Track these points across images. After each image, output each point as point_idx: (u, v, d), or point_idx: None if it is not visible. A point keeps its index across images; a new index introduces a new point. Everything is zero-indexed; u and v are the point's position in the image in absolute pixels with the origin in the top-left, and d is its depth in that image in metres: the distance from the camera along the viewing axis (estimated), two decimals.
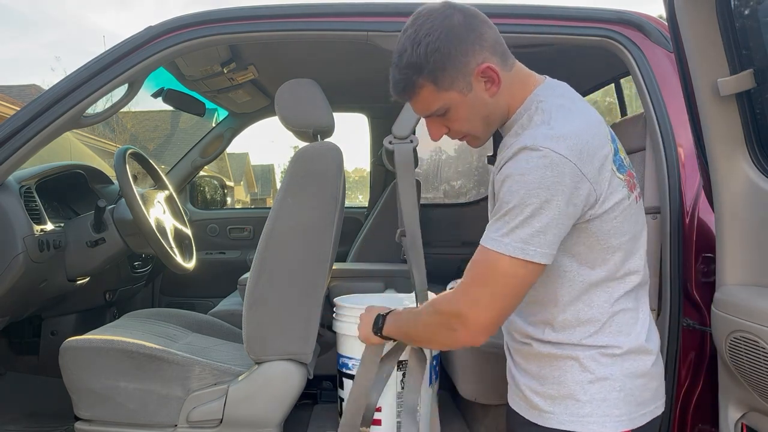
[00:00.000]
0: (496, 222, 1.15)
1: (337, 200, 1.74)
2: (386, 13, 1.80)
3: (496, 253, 1.12)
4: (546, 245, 1.11)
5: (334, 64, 2.62)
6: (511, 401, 1.33)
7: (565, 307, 1.22)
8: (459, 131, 1.25)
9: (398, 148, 1.67)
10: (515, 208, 1.11)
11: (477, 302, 1.15)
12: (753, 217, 1.33)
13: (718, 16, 1.25)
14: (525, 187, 1.10)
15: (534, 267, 1.12)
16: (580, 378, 1.21)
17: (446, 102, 1.20)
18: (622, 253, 1.21)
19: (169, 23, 1.79)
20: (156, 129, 19.32)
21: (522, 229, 1.10)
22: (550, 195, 1.09)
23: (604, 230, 1.17)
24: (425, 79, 1.18)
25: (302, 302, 1.74)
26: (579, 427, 1.20)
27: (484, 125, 1.25)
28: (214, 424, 1.74)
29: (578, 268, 1.20)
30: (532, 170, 1.10)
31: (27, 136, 1.74)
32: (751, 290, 1.32)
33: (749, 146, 1.32)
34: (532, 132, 1.15)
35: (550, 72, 1.33)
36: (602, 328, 1.21)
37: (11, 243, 1.87)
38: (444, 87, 1.18)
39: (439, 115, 1.23)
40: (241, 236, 3.54)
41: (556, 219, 1.10)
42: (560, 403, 1.22)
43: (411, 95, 1.21)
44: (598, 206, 1.15)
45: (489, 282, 1.14)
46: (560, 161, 1.09)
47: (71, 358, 1.77)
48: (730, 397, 1.42)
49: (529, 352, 1.27)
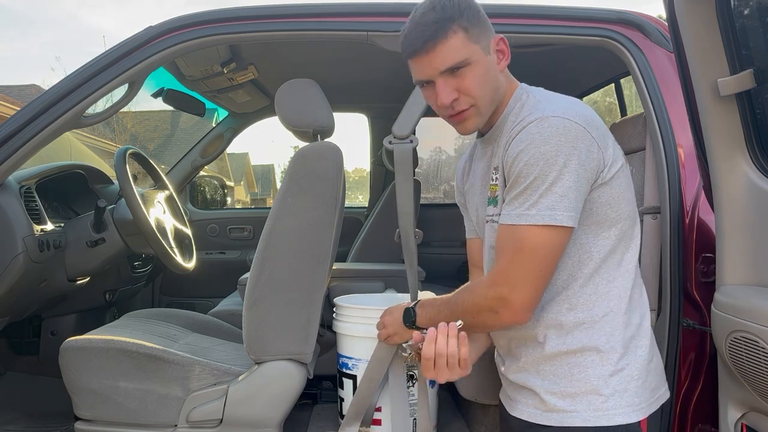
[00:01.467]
0: (516, 198, 1.17)
1: (337, 200, 1.74)
2: (386, 13, 1.80)
3: (524, 227, 1.15)
4: (571, 208, 1.15)
5: (334, 64, 2.62)
6: (519, 412, 1.30)
7: (584, 283, 1.23)
8: (470, 94, 1.23)
9: (398, 148, 1.67)
10: (536, 180, 1.14)
11: (516, 281, 1.17)
12: (753, 217, 1.33)
13: (718, 16, 1.25)
14: (543, 158, 1.14)
15: (563, 231, 1.15)
16: (601, 371, 1.22)
17: (471, 54, 1.21)
18: (629, 221, 1.26)
19: (169, 23, 1.79)
20: (156, 129, 19.31)
21: (546, 197, 1.14)
22: (567, 160, 1.13)
23: (614, 196, 1.22)
24: (459, 26, 1.19)
25: (302, 302, 1.74)
26: (605, 421, 1.20)
27: (491, 98, 1.26)
28: (214, 424, 1.74)
29: (594, 239, 1.23)
30: (546, 139, 1.14)
31: (27, 136, 1.74)
32: (751, 290, 1.32)
33: (749, 146, 1.32)
34: (535, 109, 1.20)
35: (551, 72, 1.33)
36: (619, 306, 1.24)
37: (11, 243, 1.87)
38: (473, 39, 1.21)
39: (457, 71, 1.21)
40: (241, 236, 3.54)
41: (576, 182, 1.14)
42: (582, 400, 1.22)
43: (440, 40, 1.19)
44: (607, 170, 1.20)
45: (523, 258, 1.16)
46: (572, 127, 1.15)
47: (71, 358, 1.77)
48: (730, 397, 1.42)
49: (542, 354, 1.26)
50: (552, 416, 1.24)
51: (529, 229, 1.15)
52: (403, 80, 1.99)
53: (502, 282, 1.19)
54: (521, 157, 1.16)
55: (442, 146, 6.29)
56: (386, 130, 1.74)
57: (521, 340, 1.30)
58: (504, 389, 1.41)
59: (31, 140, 1.74)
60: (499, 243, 1.21)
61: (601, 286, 1.24)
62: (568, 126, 1.14)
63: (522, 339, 1.30)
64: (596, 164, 1.18)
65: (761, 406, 1.32)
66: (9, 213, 1.88)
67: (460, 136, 6.30)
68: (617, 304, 1.24)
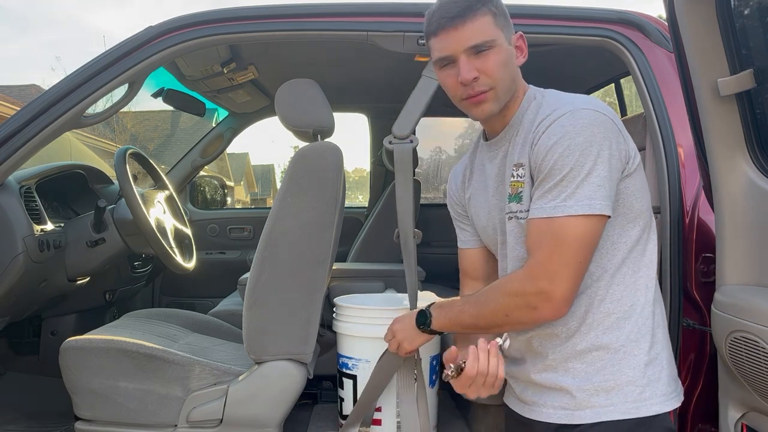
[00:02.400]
0: (551, 191, 1.18)
1: (337, 200, 1.74)
2: (386, 13, 1.80)
3: (562, 218, 1.16)
4: (608, 197, 1.16)
5: (334, 64, 2.62)
6: (547, 416, 1.27)
7: (613, 275, 1.23)
8: (492, 75, 1.24)
9: (398, 148, 1.67)
10: (572, 171, 1.15)
11: (556, 274, 1.16)
12: (753, 217, 1.33)
13: (718, 16, 1.25)
14: (578, 149, 1.15)
15: (601, 220, 1.17)
16: (635, 362, 1.22)
17: (496, 37, 1.24)
18: (650, 212, 1.28)
19: (169, 23, 1.79)
20: (156, 129, 19.31)
21: (583, 188, 1.15)
22: (600, 150, 1.15)
23: (638, 187, 1.24)
24: (488, 9, 1.23)
25: (302, 302, 1.74)
26: (644, 411, 1.21)
27: (509, 86, 1.28)
28: (214, 424, 1.74)
29: (620, 230, 1.24)
30: (579, 131, 1.16)
31: (27, 136, 1.74)
32: (751, 290, 1.32)
33: (749, 146, 1.32)
34: (560, 104, 1.22)
35: (551, 72, 1.34)
36: (646, 296, 1.25)
37: (11, 243, 1.87)
38: (499, 25, 1.25)
39: (480, 52, 1.23)
40: (241, 236, 3.54)
41: (609, 172, 1.16)
42: (618, 393, 1.22)
43: (469, 17, 1.22)
44: (632, 162, 1.22)
45: (563, 250, 1.16)
46: (602, 119, 1.17)
47: (71, 358, 1.77)
48: (730, 397, 1.42)
49: (573, 350, 1.25)
50: (585, 414, 1.22)
51: (568, 220, 1.15)
52: (403, 80, 1.99)
53: (541, 275, 1.17)
54: (555, 149, 1.17)
55: (442, 146, 6.29)
56: (386, 130, 1.74)
57: (547, 338, 1.28)
58: (516, 393, 1.37)
59: (31, 140, 1.74)
60: (534, 237, 1.20)
61: (628, 277, 1.24)
62: (599, 118, 1.17)
63: (548, 336, 1.28)
64: (624, 155, 1.20)
65: (761, 406, 1.32)
66: (9, 213, 1.88)
67: (460, 136, 6.30)
68: (644, 294, 1.25)
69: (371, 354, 1.69)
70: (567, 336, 1.25)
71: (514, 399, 1.38)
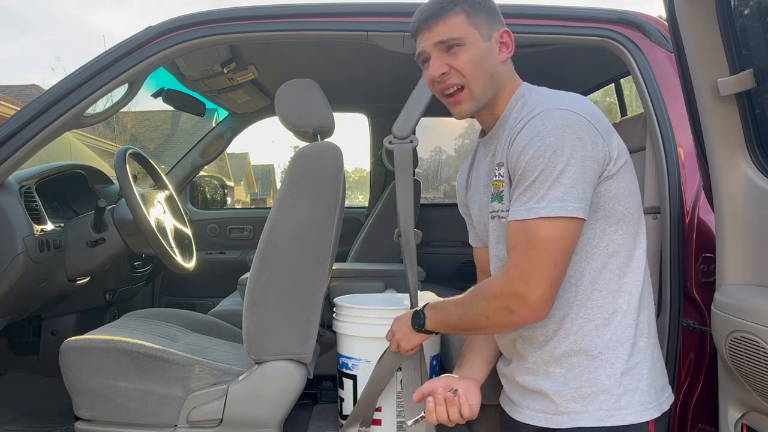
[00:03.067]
0: (525, 193, 1.17)
1: (337, 200, 1.74)
2: (386, 13, 1.80)
3: (535, 220, 1.15)
4: (580, 199, 1.14)
5: (334, 64, 2.62)
6: (528, 417, 1.28)
7: (593, 280, 1.22)
8: (462, 71, 1.26)
9: (398, 148, 1.67)
10: (543, 172, 1.14)
11: (531, 277, 1.15)
12: (753, 217, 1.32)
13: (718, 16, 1.25)
14: (549, 150, 1.14)
15: (574, 223, 1.15)
16: (611, 371, 1.21)
17: (467, 35, 1.26)
18: (636, 216, 1.25)
19: (169, 23, 1.79)
20: (156, 129, 19.31)
21: (554, 189, 1.13)
22: (573, 151, 1.13)
23: (621, 190, 1.22)
24: (461, 9, 1.26)
25: (302, 302, 1.74)
26: (617, 420, 1.20)
27: (484, 83, 1.28)
28: (214, 424, 1.74)
29: (601, 234, 1.22)
30: (551, 131, 1.14)
31: (27, 136, 1.74)
32: (751, 290, 1.32)
33: (749, 146, 1.32)
34: (538, 104, 1.21)
35: (551, 72, 1.34)
36: (629, 303, 1.23)
37: (11, 243, 1.87)
38: (472, 23, 1.26)
39: (450, 49, 1.26)
40: (241, 236, 3.54)
41: (583, 174, 1.14)
42: (593, 400, 1.21)
43: (440, 18, 1.26)
44: (613, 164, 1.20)
45: (536, 253, 1.15)
46: (576, 119, 1.15)
47: (71, 358, 1.77)
48: (730, 397, 1.42)
49: (551, 355, 1.25)
50: (562, 418, 1.22)
51: (540, 222, 1.14)
52: (403, 80, 1.99)
53: (516, 278, 1.17)
54: (527, 150, 1.16)
55: (442, 146, 6.28)
56: (386, 130, 1.74)
57: (528, 340, 1.28)
58: (506, 393, 1.38)
59: (31, 140, 1.74)
60: (510, 240, 1.20)
61: (612, 283, 1.23)
62: (571, 118, 1.15)
63: (529, 338, 1.27)
64: (602, 156, 1.18)
65: (761, 406, 1.32)
66: (9, 213, 1.88)
67: (460, 136, 6.31)
68: (627, 301, 1.23)
69: (371, 354, 1.69)
70: (545, 339, 1.25)
71: (505, 398, 1.39)
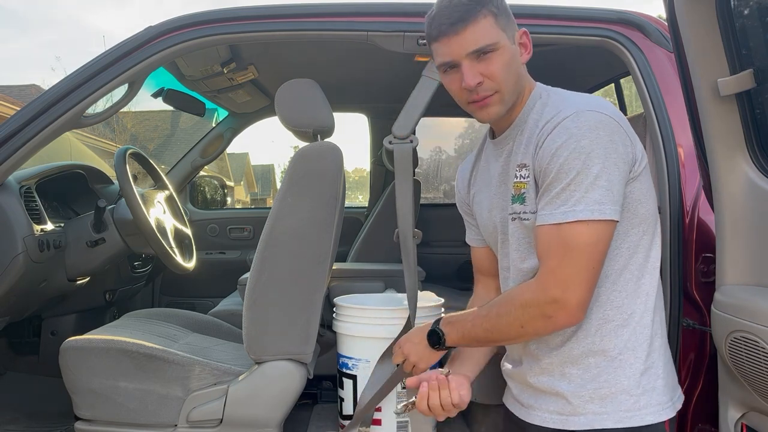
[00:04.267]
0: (558, 196, 1.15)
1: (337, 200, 1.74)
2: (386, 13, 1.80)
3: (572, 224, 1.13)
4: (616, 201, 1.14)
5: (334, 64, 2.62)
6: (541, 419, 1.27)
7: (615, 281, 1.22)
8: (495, 78, 1.22)
9: (398, 148, 1.67)
10: (579, 175, 1.12)
11: (569, 281, 1.14)
12: (753, 217, 1.32)
13: (718, 16, 1.25)
14: (584, 152, 1.12)
15: (611, 225, 1.15)
16: (631, 371, 1.21)
17: (499, 39, 1.21)
18: (654, 217, 1.26)
19: (169, 23, 1.79)
20: (156, 129, 19.31)
21: (592, 192, 1.12)
22: (608, 153, 1.12)
23: (643, 192, 1.22)
24: (489, 10, 1.20)
25: (302, 302, 1.74)
26: (637, 421, 1.20)
27: (514, 86, 1.25)
28: (214, 424, 1.74)
29: (623, 236, 1.22)
30: (585, 134, 1.13)
31: (27, 136, 1.74)
32: (751, 290, 1.32)
33: (749, 146, 1.32)
34: (565, 105, 1.19)
35: (551, 72, 1.33)
36: (647, 304, 1.24)
37: (11, 243, 1.87)
38: (500, 26, 1.22)
39: (483, 55, 1.21)
40: (241, 236, 3.54)
41: (616, 175, 1.14)
42: (612, 401, 1.20)
43: (470, 21, 1.20)
44: (638, 165, 1.20)
45: (574, 256, 1.14)
46: (607, 121, 1.14)
47: (71, 358, 1.77)
48: (730, 397, 1.42)
49: (568, 355, 1.24)
50: (580, 420, 1.21)
51: (578, 225, 1.12)
52: (403, 80, 1.99)
53: (553, 284, 1.15)
54: (560, 152, 1.14)
55: (442, 146, 6.28)
56: (386, 130, 1.74)
57: (543, 341, 1.27)
58: (514, 395, 1.37)
59: (31, 140, 1.74)
60: (543, 245, 1.18)
61: (631, 284, 1.23)
62: (604, 120, 1.14)
63: (545, 340, 1.26)
64: (630, 158, 1.18)
65: (761, 406, 1.32)
66: (9, 213, 1.88)
67: (460, 136, 6.30)
68: (644, 302, 1.23)
69: (371, 354, 1.69)
70: (563, 340, 1.25)
71: (512, 400, 1.38)
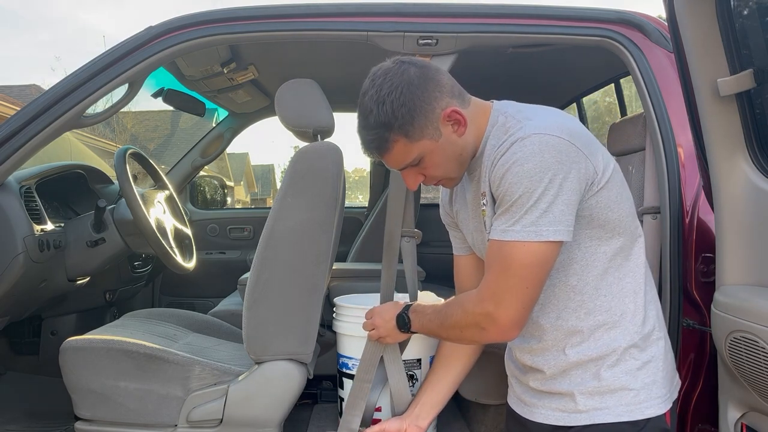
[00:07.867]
0: (503, 215, 1.17)
1: (337, 200, 1.74)
2: (386, 13, 1.80)
3: (510, 243, 1.15)
4: (556, 222, 1.13)
5: (334, 64, 2.62)
6: (543, 417, 1.30)
7: (597, 285, 1.23)
8: (434, 176, 1.29)
9: None
10: (522, 197, 1.14)
11: (502, 298, 1.17)
12: (753, 217, 1.33)
13: (718, 16, 1.25)
14: (527, 176, 1.13)
15: (549, 247, 1.14)
16: (628, 367, 1.23)
17: (420, 151, 1.23)
18: (631, 217, 1.26)
19: (170, 23, 1.79)
20: (156, 129, 19.32)
21: (529, 213, 1.13)
22: (553, 175, 1.13)
23: (612, 198, 1.22)
24: (396, 134, 1.21)
25: (302, 302, 1.74)
26: (638, 414, 1.22)
27: (458, 164, 1.28)
28: (214, 424, 1.73)
29: (598, 242, 1.23)
30: (529, 157, 1.14)
31: (27, 136, 1.74)
32: (751, 290, 1.32)
33: (749, 146, 1.32)
34: (517, 129, 1.20)
35: (551, 72, 1.33)
36: (635, 301, 1.25)
37: (11, 243, 1.87)
38: (415, 138, 1.22)
39: (414, 165, 1.26)
40: (241, 236, 3.54)
41: (562, 195, 1.13)
42: (612, 396, 1.23)
43: (385, 151, 1.24)
44: (600, 177, 1.19)
45: (510, 275, 1.16)
46: (554, 141, 1.14)
47: (71, 358, 1.77)
48: (730, 397, 1.42)
49: (567, 363, 1.26)
50: (581, 416, 1.24)
51: (514, 245, 1.15)
52: None
53: (488, 298, 1.19)
54: (507, 177, 1.16)
55: None
56: None
57: (542, 352, 1.30)
58: (517, 394, 1.40)
59: (31, 140, 1.74)
60: (488, 258, 1.23)
61: (614, 285, 1.24)
62: (550, 141, 1.14)
63: (542, 351, 1.30)
64: (584, 174, 1.17)
65: (761, 406, 1.32)
66: (9, 213, 1.88)
67: None
68: (633, 301, 1.25)
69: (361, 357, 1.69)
70: (559, 350, 1.27)
71: (515, 398, 1.40)
